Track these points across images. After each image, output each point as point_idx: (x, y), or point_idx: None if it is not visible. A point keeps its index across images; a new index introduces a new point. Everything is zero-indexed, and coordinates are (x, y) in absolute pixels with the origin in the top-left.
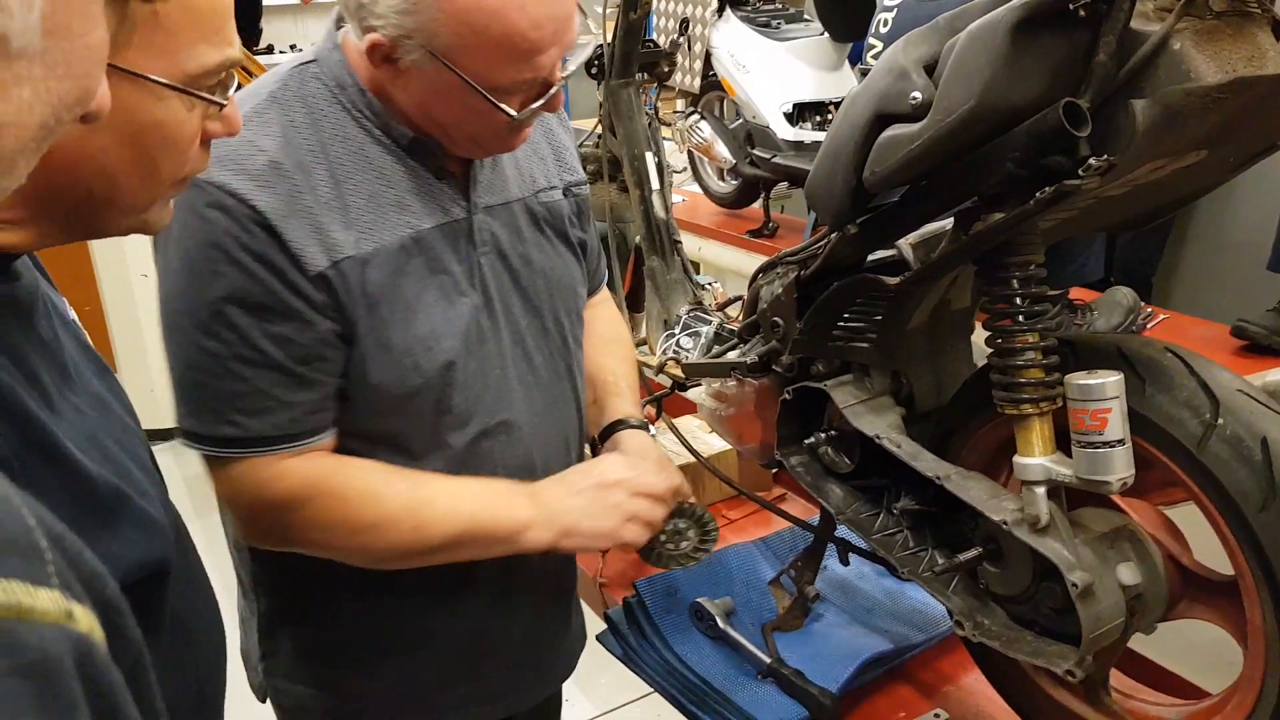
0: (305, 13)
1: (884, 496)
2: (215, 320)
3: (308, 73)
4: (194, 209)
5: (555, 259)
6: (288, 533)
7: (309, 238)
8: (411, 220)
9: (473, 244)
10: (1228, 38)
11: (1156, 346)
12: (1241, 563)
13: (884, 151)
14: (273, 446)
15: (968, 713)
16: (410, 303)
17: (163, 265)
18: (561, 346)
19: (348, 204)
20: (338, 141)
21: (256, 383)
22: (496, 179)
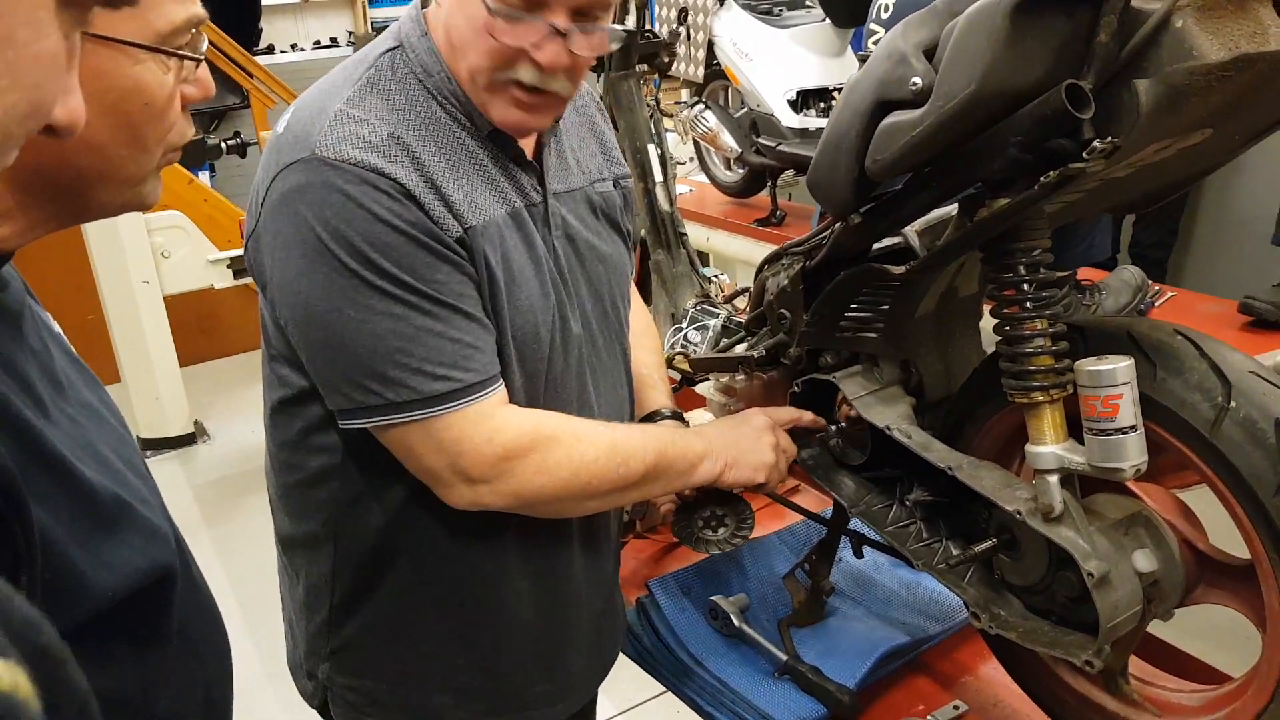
0: (306, 11)
1: (896, 488)
2: (395, 286)
3: (396, 59)
4: (332, 186)
5: (612, 245)
6: (514, 480)
7: (440, 207)
8: (507, 200)
9: (548, 227)
10: (1229, 14)
11: (1166, 329)
12: (1257, 546)
13: (886, 139)
14: (485, 390)
15: (986, 703)
16: (515, 275)
17: (301, 253)
18: (619, 330)
19: (457, 179)
20: (434, 126)
21: (451, 333)
22: (562, 168)
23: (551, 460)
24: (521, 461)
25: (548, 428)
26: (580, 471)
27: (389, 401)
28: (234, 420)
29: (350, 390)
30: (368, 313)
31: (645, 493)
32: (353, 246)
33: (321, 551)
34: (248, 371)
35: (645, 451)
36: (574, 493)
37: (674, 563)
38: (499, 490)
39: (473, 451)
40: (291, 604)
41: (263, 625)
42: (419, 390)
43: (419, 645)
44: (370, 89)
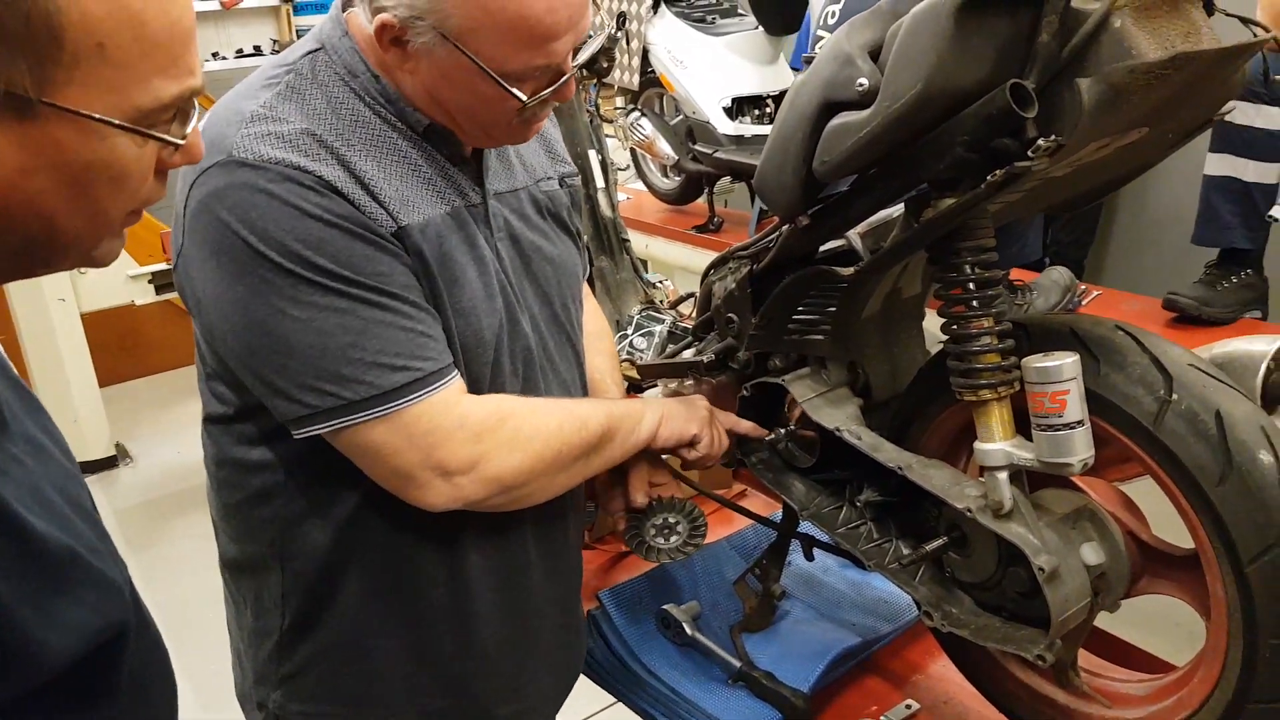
0: (228, 19)
1: (846, 489)
2: (336, 281)
3: (318, 61)
4: (253, 187)
5: (560, 246)
6: (492, 462)
7: (371, 204)
8: (443, 199)
9: (490, 228)
10: (1164, 15)
11: (1108, 325)
12: (1201, 536)
13: (833, 140)
14: (447, 378)
15: (938, 701)
16: (457, 276)
17: (230, 260)
18: (571, 334)
19: (389, 179)
20: (360, 127)
21: (403, 323)
22: (503, 167)
23: (522, 434)
24: (494, 441)
25: (509, 405)
26: (550, 440)
27: (347, 401)
28: (158, 442)
29: (304, 395)
30: (311, 310)
31: (605, 458)
32: (284, 246)
33: (269, 573)
34: (172, 391)
35: (597, 413)
36: (546, 465)
37: (624, 573)
38: (480, 478)
39: (447, 441)
40: (239, 631)
41: (194, 655)
42: (378, 384)
43: (377, 666)
44: (289, 91)
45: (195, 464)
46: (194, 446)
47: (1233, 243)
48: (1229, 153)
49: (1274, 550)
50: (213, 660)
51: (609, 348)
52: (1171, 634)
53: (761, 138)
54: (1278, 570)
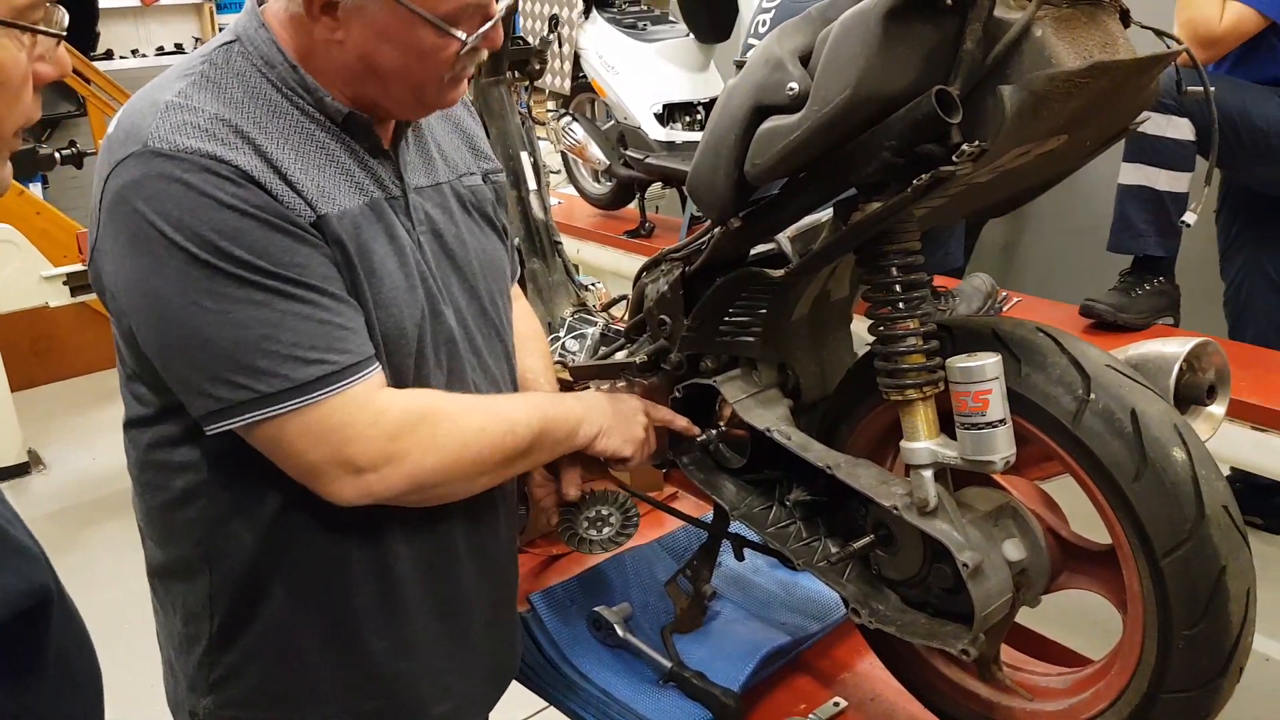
0: (147, 15)
1: (776, 489)
2: (252, 273)
3: (233, 52)
4: (169, 177)
5: (485, 241)
6: (405, 462)
7: (289, 193)
8: (362, 190)
9: (411, 222)
10: (1083, 25)
11: (1029, 327)
12: (1118, 531)
13: (764, 143)
14: (364, 372)
15: (865, 698)
16: (376, 268)
17: (145, 251)
18: (500, 328)
19: (306, 170)
20: (277, 118)
21: (320, 315)
22: (422, 162)
23: (440, 436)
24: (410, 440)
25: (431, 403)
26: (470, 444)
27: (260, 394)
28: (73, 448)
29: (216, 389)
30: (226, 302)
31: (533, 461)
32: (200, 236)
33: (196, 576)
34: (87, 395)
35: (530, 418)
36: (465, 468)
37: (555, 576)
38: (389, 476)
39: (359, 438)
40: (168, 639)
41: (119, 664)
42: (292, 377)
43: (309, 667)
44: (204, 81)
45: (111, 471)
46: (109, 453)
47: (1146, 250)
48: (1142, 162)
49: (1187, 544)
50: (138, 670)
51: (542, 348)
52: (1089, 630)
53: (692, 144)
54: (1191, 564)
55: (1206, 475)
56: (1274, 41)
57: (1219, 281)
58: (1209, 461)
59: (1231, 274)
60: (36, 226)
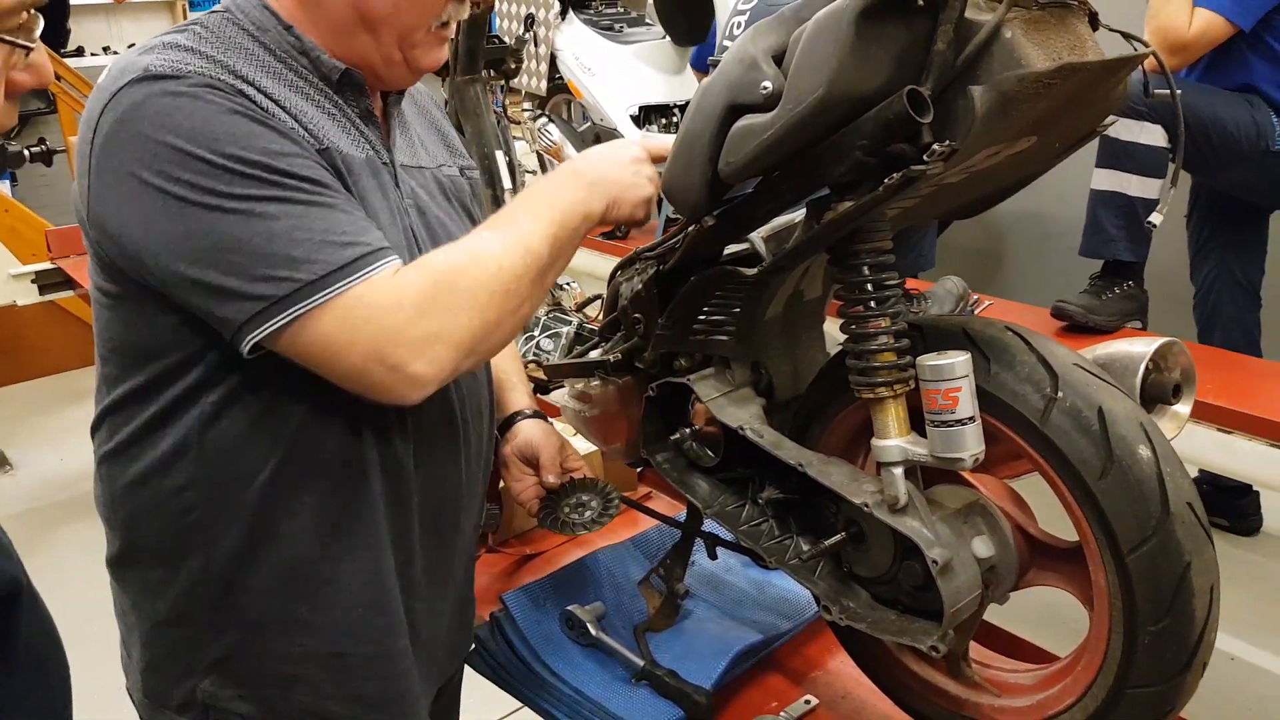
0: (119, 12)
1: (749, 487)
2: (272, 174)
3: (217, 19)
4: (175, 94)
5: (463, 231)
6: (443, 322)
7: (294, 124)
8: (359, 145)
9: (400, 192)
10: (1052, 27)
11: (998, 326)
12: (1085, 528)
13: (737, 142)
14: (391, 257)
15: (836, 696)
16: (375, 213)
17: (156, 170)
18: None
19: (307, 112)
20: (270, 76)
21: (342, 207)
22: (408, 144)
23: (463, 294)
24: (443, 299)
25: (444, 264)
26: (495, 286)
27: (303, 283)
28: (41, 448)
29: (257, 287)
30: (250, 202)
31: (563, 264)
32: (214, 141)
33: (187, 546)
34: (56, 396)
35: (542, 230)
36: (500, 309)
37: (528, 575)
38: (436, 357)
39: (391, 310)
40: (145, 632)
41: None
42: (331, 261)
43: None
44: (194, 36)
45: (80, 471)
46: (78, 453)
47: (1117, 255)
48: (1114, 168)
49: (1152, 541)
50: (109, 669)
51: (512, 350)
52: (1056, 629)
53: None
54: (1156, 560)
55: (1171, 473)
56: (1243, 48)
57: (1188, 286)
58: (1174, 459)
59: (1201, 278)
60: (5, 224)
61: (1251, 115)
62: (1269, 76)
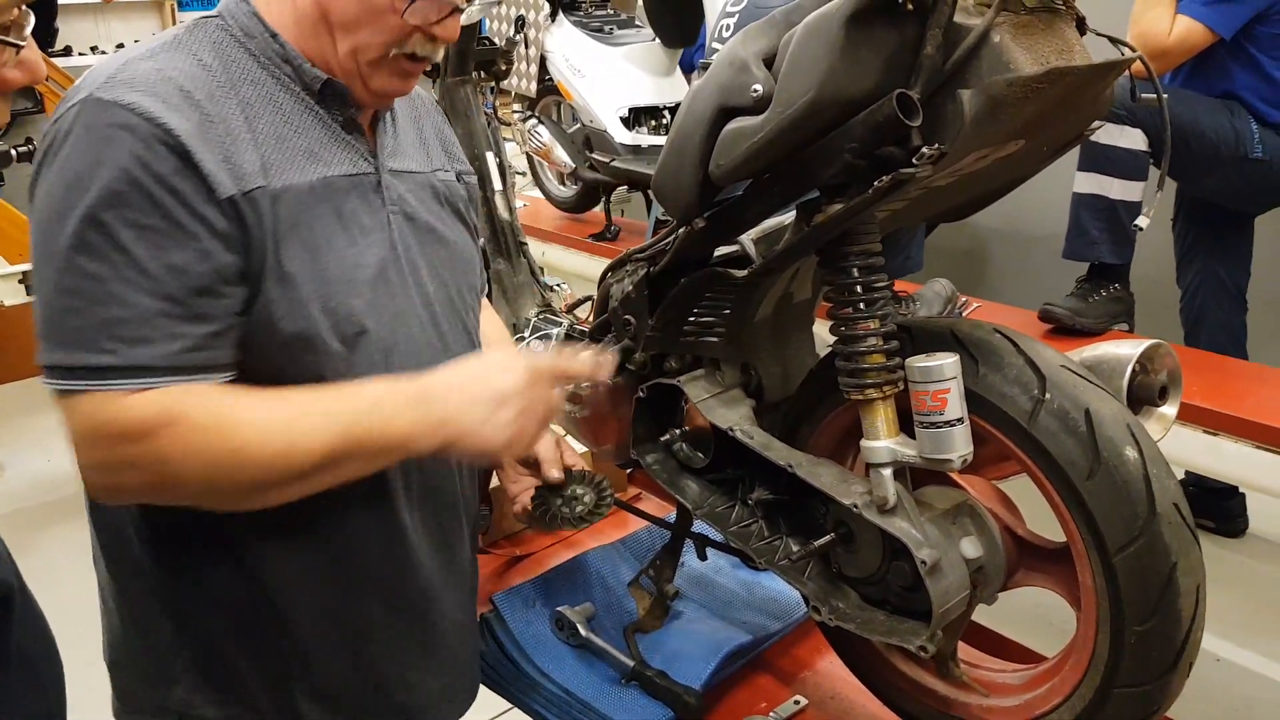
0: (107, 12)
1: (739, 488)
2: (102, 239)
3: (211, 24)
4: (94, 128)
5: (457, 234)
6: (134, 470)
7: (220, 164)
8: (319, 167)
9: (381, 199)
10: (1040, 32)
11: (986, 328)
12: (1072, 529)
13: (728, 144)
14: (155, 377)
15: (825, 697)
16: (319, 245)
17: (45, 184)
18: (465, 320)
19: (259, 140)
20: (248, 85)
21: (141, 309)
22: (400, 148)
23: (179, 446)
24: (138, 446)
25: (182, 407)
26: (220, 461)
27: (58, 365)
28: (28, 450)
29: (42, 341)
30: (70, 258)
31: (337, 476)
32: (80, 188)
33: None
34: (43, 396)
35: (324, 433)
36: (218, 484)
37: (518, 576)
38: (123, 482)
39: (96, 431)
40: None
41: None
42: (84, 359)
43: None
44: (178, 45)
45: (68, 472)
46: (67, 455)
47: (1100, 257)
48: (1096, 171)
49: (1139, 541)
50: (102, 671)
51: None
52: (1044, 630)
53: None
54: (1142, 560)
55: (1158, 474)
56: (1224, 56)
57: (1174, 289)
58: (1160, 460)
59: (1187, 281)
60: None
61: (1231, 123)
62: (1250, 85)
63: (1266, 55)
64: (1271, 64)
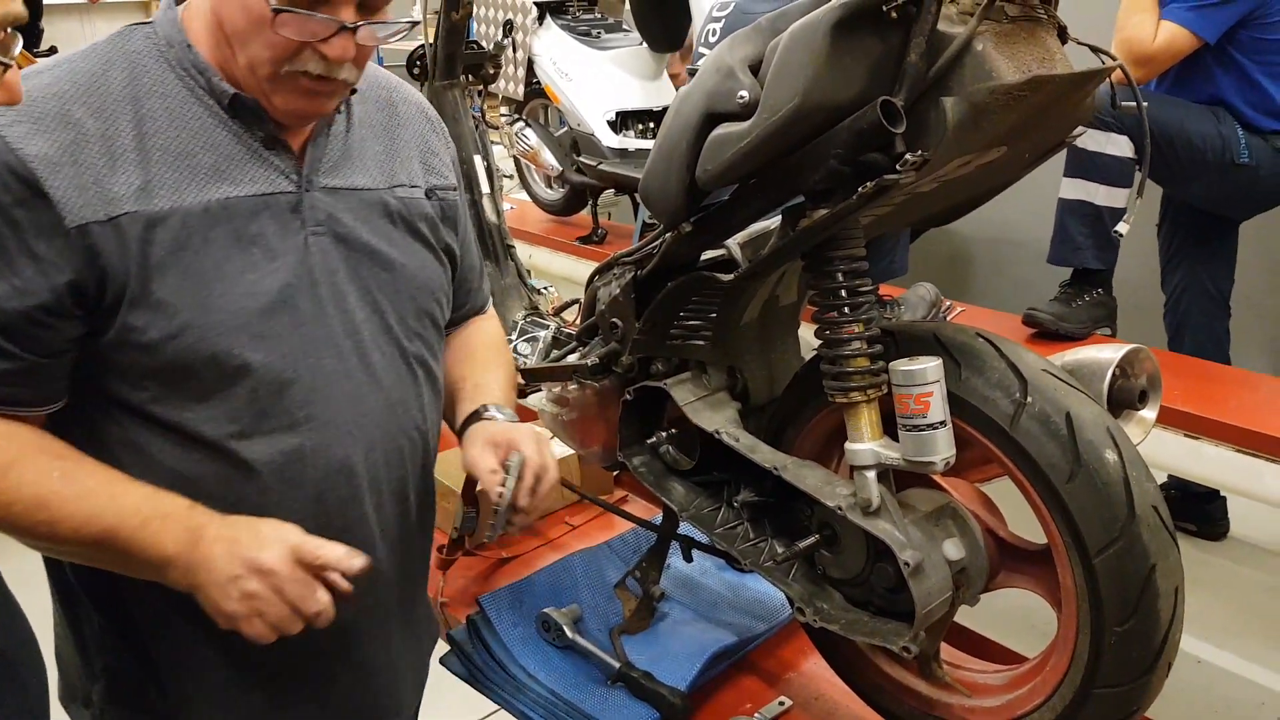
0: (93, 12)
1: (724, 491)
2: None
3: (139, 31)
4: None
5: (408, 257)
6: None
7: (80, 189)
8: (225, 186)
9: (300, 220)
10: (1022, 40)
11: (969, 332)
12: (1053, 531)
13: (715, 149)
14: None
15: (809, 698)
16: (206, 271)
17: None
18: (408, 350)
19: (150, 159)
20: (156, 97)
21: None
22: (345, 164)
23: None
24: None
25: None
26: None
27: None
28: None
29: None
30: None
31: (103, 565)
32: None
33: None
34: None
35: (89, 523)
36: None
37: (504, 578)
38: None
39: None
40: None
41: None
42: None
43: (196, 663)
44: (92, 52)
45: None
46: None
47: (1085, 263)
48: (1081, 177)
49: (1119, 543)
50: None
51: (492, 358)
52: (1026, 632)
53: (645, 152)
54: (1122, 562)
55: (1137, 476)
56: (1210, 62)
57: (1157, 294)
58: (1140, 463)
59: (1171, 287)
60: None
61: (1217, 128)
62: (1235, 90)
63: (1252, 60)
64: (1257, 69)
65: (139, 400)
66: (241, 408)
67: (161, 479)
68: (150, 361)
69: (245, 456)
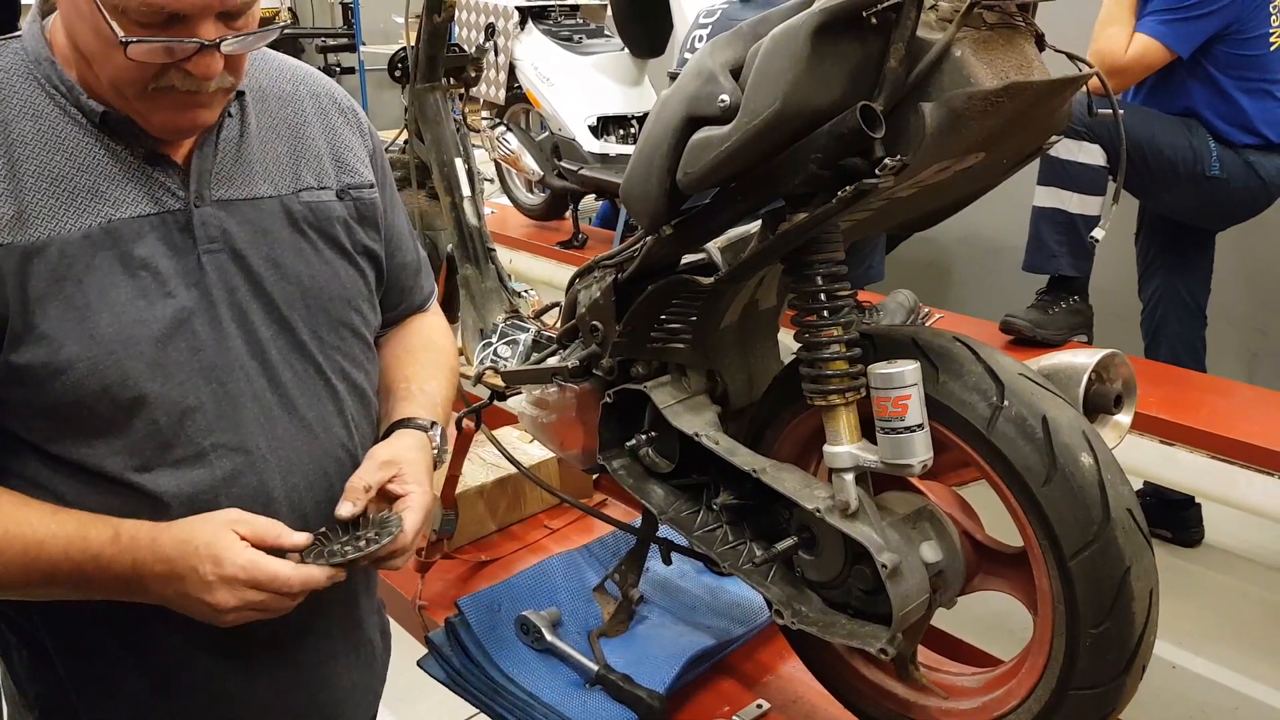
0: None
1: (704, 493)
2: None
3: (9, 46)
4: None
5: (318, 266)
6: None
7: None
8: (105, 209)
9: (192, 239)
10: (1000, 47)
11: (946, 336)
12: (1029, 533)
13: (695, 153)
14: None
15: (787, 700)
16: (91, 301)
17: None
18: (324, 365)
19: (22, 187)
20: (26, 119)
21: None
22: (241, 172)
23: None
24: None
25: None
26: None
27: None
28: None
29: None
30: None
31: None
32: None
33: None
34: None
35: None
36: None
37: (483, 581)
38: None
39: None
40: None
41: None
42: None
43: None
44: None
45: None
46: None
47: (1059, 270)
48: (1055, 185)
49: (1094, 545)
50: None
51: (434, 358)
52: (1002, 636)
53: (626, 157)
54: (1097, 564)
55: (1112, 480)
56: (1183, 74)
57: (1134, 302)
58: (1115, 467)
59: (1148, 295)
60: None
61: (1189, 140)
62: (1208, 103)
63: (1225, 74)
64: (1230, 83)
65: (35, 439)
66: (143, 440)
67: None
68: (41, 399)
69: (152, 490)
